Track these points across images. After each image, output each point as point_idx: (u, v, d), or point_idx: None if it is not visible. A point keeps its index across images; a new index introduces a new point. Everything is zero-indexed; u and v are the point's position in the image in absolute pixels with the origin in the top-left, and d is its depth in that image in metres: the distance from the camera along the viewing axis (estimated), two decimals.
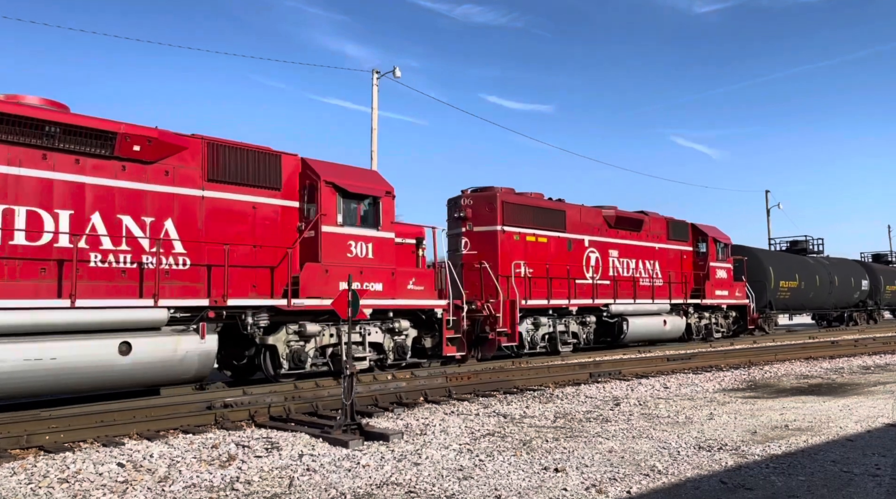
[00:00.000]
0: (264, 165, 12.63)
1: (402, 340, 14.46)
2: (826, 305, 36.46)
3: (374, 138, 26.40)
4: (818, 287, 34.24)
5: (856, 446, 7.41)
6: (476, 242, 18.18)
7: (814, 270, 34.44)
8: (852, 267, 39.63)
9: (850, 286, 37.85)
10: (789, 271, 32.07)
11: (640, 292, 22.10)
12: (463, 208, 18.45)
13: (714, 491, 5.74)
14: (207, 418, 9.16)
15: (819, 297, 34.76)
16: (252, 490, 5.92)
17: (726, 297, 26.12)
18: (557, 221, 19.93)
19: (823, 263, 36.64)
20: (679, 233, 24.77)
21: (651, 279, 22.87)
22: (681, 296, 23.77)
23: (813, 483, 5.93)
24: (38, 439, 7.89)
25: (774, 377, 14.23)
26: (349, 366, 8.29)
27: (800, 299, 33.17)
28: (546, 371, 14.46)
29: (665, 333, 22.75)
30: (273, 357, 12.69)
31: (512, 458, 7.00)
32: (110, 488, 5.98)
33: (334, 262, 12.96)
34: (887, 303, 44.17)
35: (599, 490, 5.76)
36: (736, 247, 28.77)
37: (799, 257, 35.85)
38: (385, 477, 6.28)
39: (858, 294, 38.81)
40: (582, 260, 20.56)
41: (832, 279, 35.57)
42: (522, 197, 19.25)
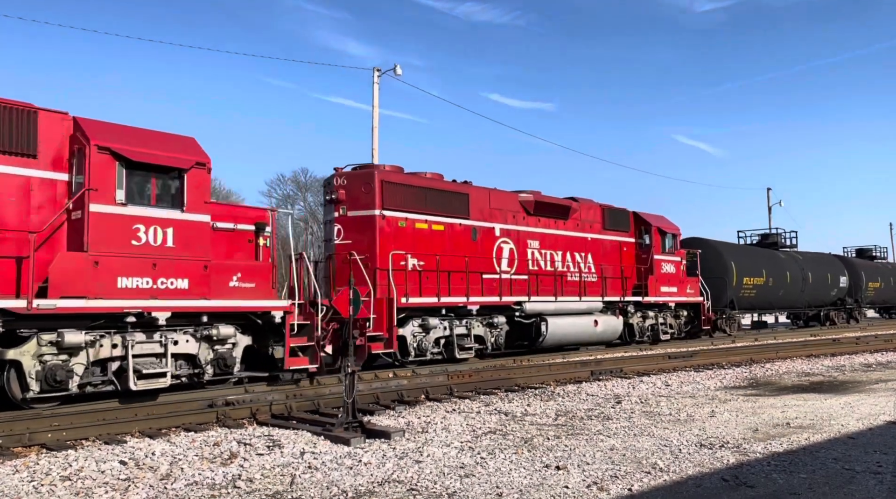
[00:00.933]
0: (8, 124, 9.58)
1: (225, 351, 11.18)
2: (798, 304, 33.52)
3: (374, 136, 26.41)
4: (789, 284, 31.25)
5: (857, 444, 7.41)
6: (351, 230, 15.06)
7: (784, 266, 31.49)
8: (830, 262, 36.66)
9: (826, 283, 34.90)
10: (755, 267, 28.88)
11: (566, 289, 19.16)
12: (335, 190, 15.30)
13: (715, 489, 5.74)
14: (209, 416, 9.18)
15: (790, 294, 31.88)
16: (254, 488, 5.93)
17: (674, 294, 23.11)
18: (458, 206, 16.73)
19: (796, 257, 33.73)
20: (618, 222, 21.78)
21: (581, 274, 19.89)
22: (618, 293, 20.75)
23: (814, 481, 5.93)
24: (40, 437, 7.91)
25: (776, 375, 14.23)
26: (350, 364, 8.30)
27: (768, 297, 30.07)
28: (547, 369, 14.46)
29: (596, 336, 19.73)
30: (20, 376, 9.42)
31: (513, 456, 7.01)
32: (112, 486, 5.99)
33: (109, 250, 9.80)
34: (870, 301, 40.39)
35: (601, 488, 5.77)
36: (692, 239, 26.69)
37: (767, 252, 32.52)
38: (387, 475, 6.29)
39: (836, 292, 35.92)
40: (492, 251, 17.33)
41: (805, 276, 32.62)
42: (411, 177, 16.24)
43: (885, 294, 41.67)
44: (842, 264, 37.46)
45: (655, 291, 22.10)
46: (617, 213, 21.91)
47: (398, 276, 14.67)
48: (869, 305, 40.99)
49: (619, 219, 21.97)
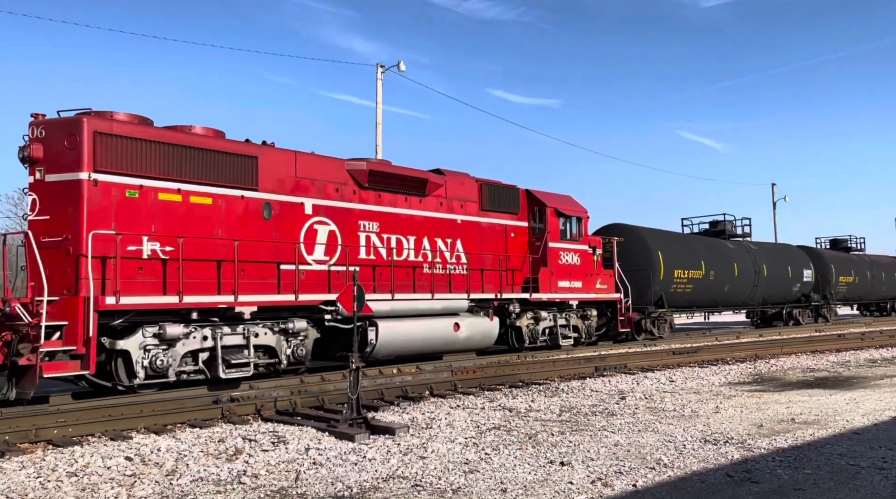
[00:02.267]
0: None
1: None
2: (752, 301, 28.62)
3: (378, 132, 26.40)
4: (737, 278, 26.90)
5: (862, 440, 7.40)
6: (50, 200, 10.57)
7: (731, 258, 26.94)
8: (792, 255, 32.09)
9: (785, 277, 30.46)
10: (690, 258, 24.59)
11: (420, 284, 14.97)
12: (29, 145, 10.70)
13: (720, 484, 5.74)
14: (214, 412, 9.21)
15: (739, 290, 27.36)
16: (259, 484, 5.95)
17: (578, 290, 18.94)
18: (240, 173, 12.35)
19: (749, 248, 29.16)
20: (503, 202, 17.49)
21: (446, 266, 15.69)
22: (496, 288, 16.56)
23: (819, 476, 5.92)
24: (46, 433, 7.94)
25: (780, 371, 14.21)
26: (355, 360, 8.31)
27: (709, 294, 25.74)
28: (552, 365, 14.46)
29: (459, 342, 15.50)
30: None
31: (517, 451, 7.01)
32: (118, 482, 6.01)
33: None
34: (842, 297, 35.65)
35: (605, 484, 5.77)
36: (613, 225, 23.43)
37: (711, 241, 27.91)
38: (391, 471, 6.30)
39: (799, 287, 31.64)
40: (299, 235, 13.18)
41: (759, 269, 28.24)
42: (156, 131, 11.57)
43: (859, 289, 37.22)
44: (807, 256, 33.09)
45: (550, 286, 17.92)
46: (502, 191, 17.56)
47: (123, 265, 10.45)
48: (841, 301, 36.53)
49: (506, 198, 17.61)
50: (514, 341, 17.45)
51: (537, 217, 18.32)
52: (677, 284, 23.76)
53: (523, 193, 18.27)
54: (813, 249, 35.96)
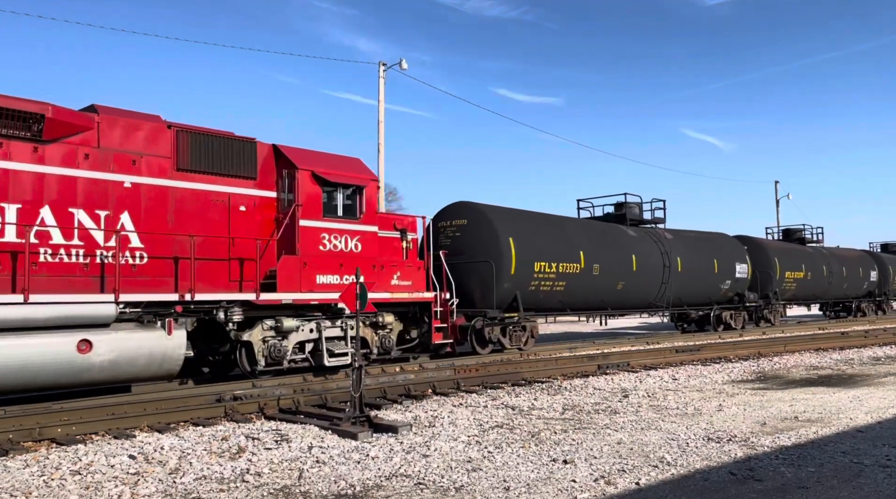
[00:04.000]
0: None
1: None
2: (660, 301, 22.37)
3: (380, 131, 26.39)
4: (636, 274, 20.73)
5: (866, 437, 7.39)
6: None
7: (630, 249, 20.80)
8: (720, 245, 25.28)
9: (710, 273, 24.21)
10: (561, 248, 18.50)
11: (31, 279, 9.49)
12: None
13: (723, 482, 5.73)
14: (217, 411, 9.22)
15: (640, 289, 21.20)
16: (262, 482, 5.95)
17: (339, 286, 12.82)
18: None
19: (661, 237, 22.58)
20: (223, 161, 12.12)
21: (91, 251, 10.48)
22: (213, 285, 11.62)
23: (823, 474, 5.91)
24: (50, 432, 7.96)
25: (784, 368, 14.19)
26: (357, 358, 8.32)
27: (593, 293, 19.62)
28: (554, 363, 14.46)
29: (91, 372, 9.65)
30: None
31: (520, 450, 7.01)
32: (122, 480, 6.03)
33: None
34: (790, 296, 29.56)
35: (608, 482, 5.77)
36: (452, 205, 17.84)
37: (600, 226, 21.48)
38: (394, 469, 6.30)
39: (730, 284, 25.00)
40: None
41: (670, 262, 22.14)
42: None
43: (812, 287, 30.94)
44: (742, 248, 26.48)
45: (300, 282, 12.42)
46: (222, 144, 12.18)
47: None
48: (789, 300, 30.68)
49: (228, 155, 12.22)
50: (244, 363, 11.99)
51: (287, 184, 12.88)
52: (540, 281, 17.77)
53: (267, 149, 12.92)
54: (751, 238, 29.09)
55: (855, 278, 34.85)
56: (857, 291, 35.58)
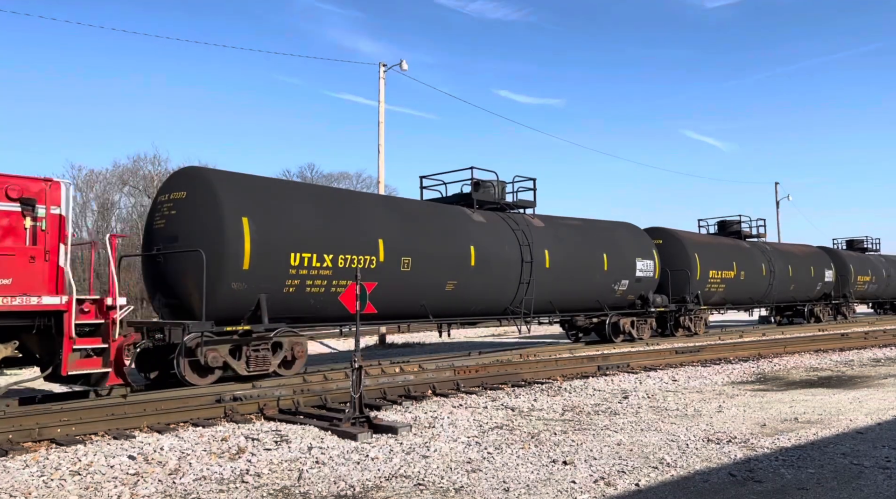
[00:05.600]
0: None
1: None
2: (492, 307, 16.73)
3: (381, 131, 26.38)
4: (456, 269, 15.49)
5: (866, 439, 7.38)
6: None
7: (449, 235, 15.61)
8: (595, 234, 19.80)
9: (589, 272, 18.93)
10: (331, 233, 13.29)
11: None
12: None
13: (723, 484, 5.73)
14: (217, 411, 9.22)
15: (473, 291, 15.97)
16: (262, 483, 5.95)
17: None
18: None
19: (507, 224, 17.23)
20: None
21: None
22: None
23: (823, 476, 5.91)
24: (49, 432, 7.96)
25: (784, 370, 14.18)
26: (357, 359, 8.32)
27: (382, 295, 12.82)
28: (554, 364, 14.46)
29: None
30: None
31: (520, 451, 7.01)
32: (122, 481, 6.02)
33: None
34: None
35: (608, 483, 5.77)
36: (182, 172, 13.03)
37: (401, 204, 15.89)
38: (394, 470, 6.30)
39: (627, 286, 20.18)
40: None
41: (493, 255, 16.31)
42: None
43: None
44: (650, 243, 21.66)
45: None
46: None
47: None
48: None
49: None
50: None
51: None
52: (308, 279, 12.77)
53: None
54: (666, 230, 25.81)
55: (804, 279, 30.31)
56: (809, 293, 31.09)
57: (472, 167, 17.68)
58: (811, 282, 30.84)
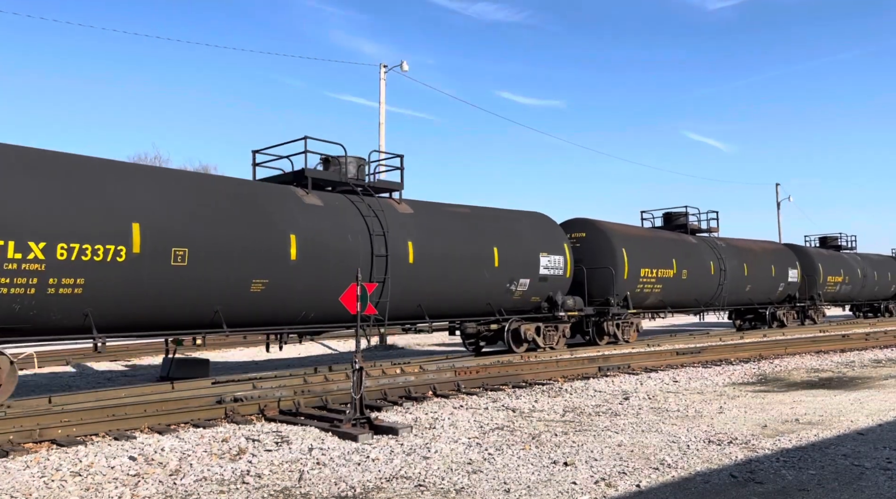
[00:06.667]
0: None
1: None
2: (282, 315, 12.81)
3: (381, 132, 26.40)
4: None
5: (867, 440, 7.38)
6: None
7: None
8: (468, 221, 16.25)
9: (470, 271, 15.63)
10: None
11: None
12: None
13: (724, 485, 5.73)
14: (218, 412, 9.22)
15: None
16: (262, 484, 5.95)
17: None
18: None
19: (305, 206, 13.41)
20: None
21: None
22: None
23: (824, 477, 5.91)
24: (50, 433, 7.96)
25: (784, 371, 14.17)
26: (358, 360, 8.31)
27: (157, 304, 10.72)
28: (555, 365, 14.46)
29: None
30: None
31: (521, 452, 7.01)
32: (122, 482, 6.02)
33: None
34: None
35: (609, 484, 5.76)
36: None
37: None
38: (394, 471, 6.30)
39: (526, 287, 16.97)
40: None
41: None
42: None
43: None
44: (561, 236, 18.36)
45: None
46: None
47: None
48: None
49: None
50: None
51: None
52: None
53: None
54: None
55: (763, 278, 26.89)
56: (769, 295, 27.80)
57: (305, 137, 14.00)
58: (772, 282, 27.51)
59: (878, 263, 37.27)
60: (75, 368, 17.33)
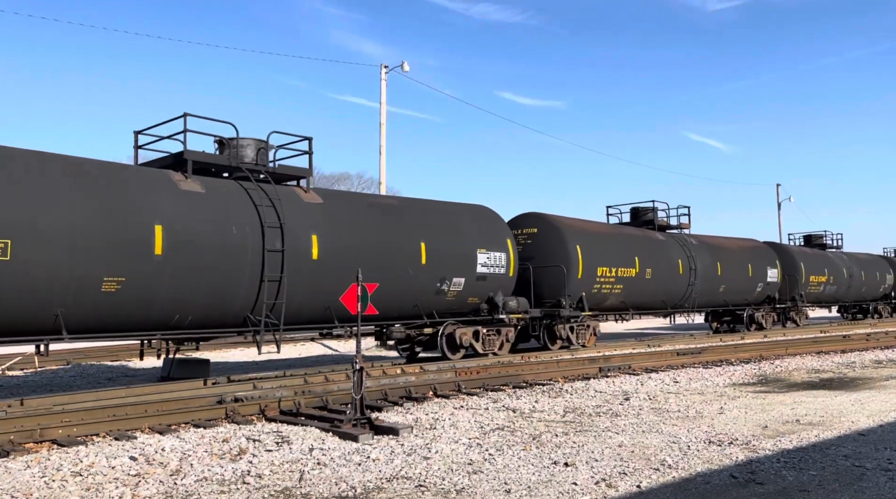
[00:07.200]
0: None
1: None
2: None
3: (382, 133, 26.43)
4: None
5: (868, 441, 7.37)
6: None
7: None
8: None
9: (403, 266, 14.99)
10: None
11: None
12: None
13: (724, 486, 5.72)
14: (218, 412, 9.22)
15: None
16: (263, 484, 5.95)
17: None
18: None
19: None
20: None
21: None
22: None
23: (824, 478, 5.91)
24: (51, 433, 7.96)
25: (785, 371, 14.17)
26: (358, 361, 8.32)
27: None
28: (556, 366, 14.46)
29: None
30: None
31: (521, 452, 7.01)
32: (123, 482, 6.03)
33: None
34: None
35: (609, 485, 5.76)
36: None
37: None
38: (395, 471, 6.30)
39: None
40: None
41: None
42: None
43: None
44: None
45: None
46: None
47: None
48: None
49: None
50: None
51: None
52: None
53: None
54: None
55: (739, 278, 25.21)
56: (746, 296, 25.99)
57: (185, 114, 12.15)
58: (749, 283, 25.70)
59: (866, 262, 35.74)
60: (76, 368, 17.35)
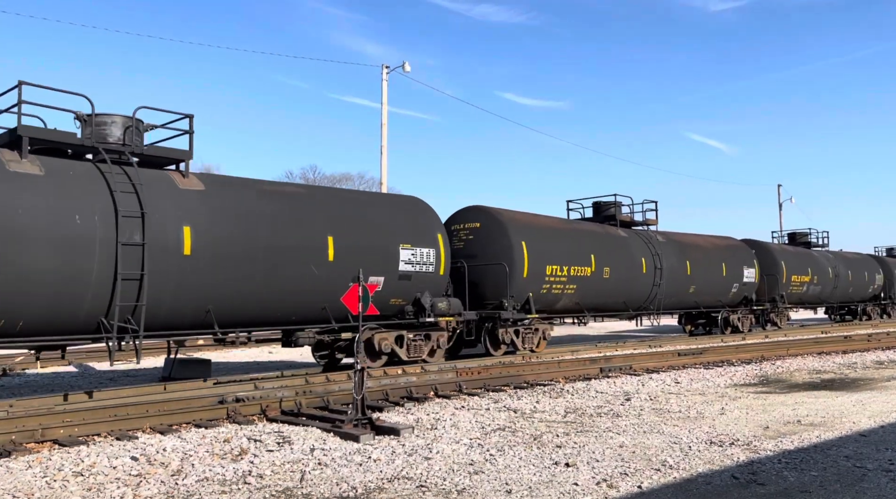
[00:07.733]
0: None
1: None
2: None
3: (383, 134, 26.44)
4: None
5: (869, 442, 7.37)
6: None
7: None
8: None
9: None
10: None
11: None
12: None
13: (726, 486, 5.72)
14: (219, 412, 9.22)
15: None
16: (264, 484, 5.96)
17: None
18: None
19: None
20: None
21: None
22: None
23: (826, 478, 5.90)
24: (52, 433, 7.97)
25: (786, 372, 14.16)
26: (359, 361, 8.32)
27: None
28: (556, 366, 14.45)
29: None
30: None
31: (522, 452, 7.01)
32: (124, 482, 6.03)
33: None
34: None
35: (610, 485, 5.76)
36: None
37: None
38: (396, 471, 6.30)
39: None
40: None
41: None
42: None
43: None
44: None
45: None
46: None
47: None
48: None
49: None
50: None
51: None
52: None
53: None
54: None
55: (712, 279, 23.59)
56: (720, 297, 24.35)
57: (20, 83, 10.22)
58: (723, 283, 24.01)
59: (854, 261, 34.03)
60: (77, 368, 17.36)
